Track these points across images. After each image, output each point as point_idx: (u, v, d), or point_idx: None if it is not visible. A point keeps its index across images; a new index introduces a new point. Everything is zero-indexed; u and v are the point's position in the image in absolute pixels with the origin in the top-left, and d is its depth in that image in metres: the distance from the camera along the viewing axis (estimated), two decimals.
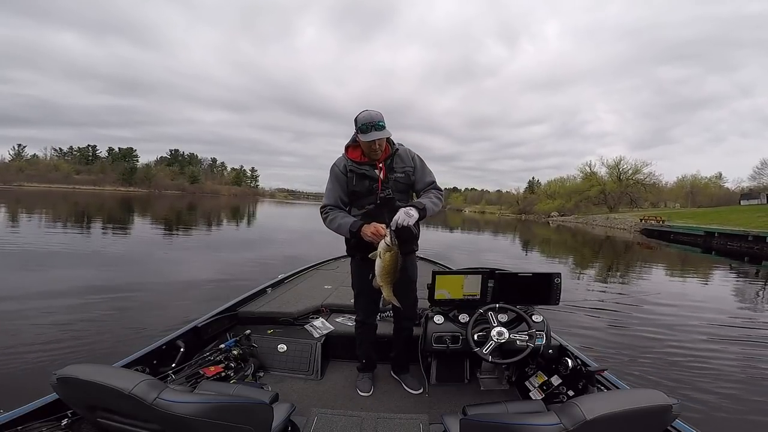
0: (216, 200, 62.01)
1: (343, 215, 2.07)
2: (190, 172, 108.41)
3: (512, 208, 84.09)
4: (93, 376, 1.02)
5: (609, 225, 41.31)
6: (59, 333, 3.97)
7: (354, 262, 2.28)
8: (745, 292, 8.78)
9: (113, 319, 4.52)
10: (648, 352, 4.28)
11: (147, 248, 9.97)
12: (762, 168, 53.56)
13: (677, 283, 9.53)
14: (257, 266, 8.29)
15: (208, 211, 30.56)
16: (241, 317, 2.85)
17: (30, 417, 1.38)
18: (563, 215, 59.82)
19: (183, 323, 2.44)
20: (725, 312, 6.42)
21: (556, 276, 2.38)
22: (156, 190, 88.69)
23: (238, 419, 1.10)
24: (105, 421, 1.10)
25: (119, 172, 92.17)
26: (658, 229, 30.97)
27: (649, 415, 1.03)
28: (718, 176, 69.25)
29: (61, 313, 4.61)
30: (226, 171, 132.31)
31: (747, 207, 42.70)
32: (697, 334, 5.06)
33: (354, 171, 2.06)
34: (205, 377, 2.06)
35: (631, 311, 6.19)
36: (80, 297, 5.34)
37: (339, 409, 2.14)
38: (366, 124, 1.91)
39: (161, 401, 0.98)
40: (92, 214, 20.56)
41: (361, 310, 2.36)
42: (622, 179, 61.67)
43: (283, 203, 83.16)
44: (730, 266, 13.26)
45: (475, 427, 1.21)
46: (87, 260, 8.02)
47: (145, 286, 6.15)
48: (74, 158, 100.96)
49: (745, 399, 3.30)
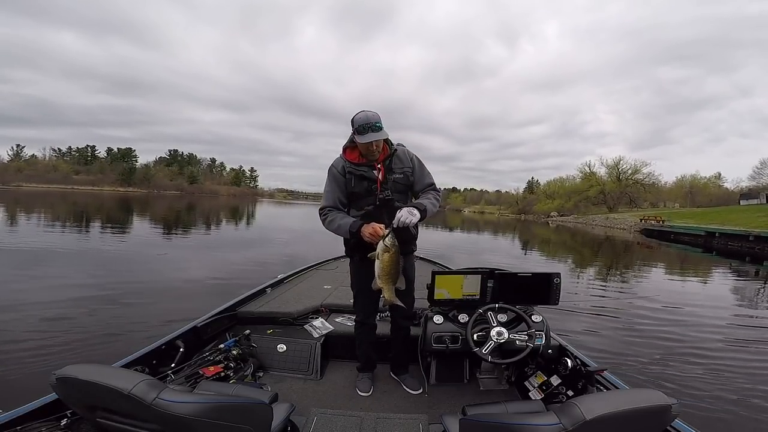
0: (215, 200, 61.78)
1: (342, 216, 2.07)
2: (189, 172, 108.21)
3: (511, 209, 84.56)
4: (92, 376, 1.02)
5: (608, 225, 41.36)
6: (59, 333, 3.96)
7: (353, 262, 2.28)
8: (745, 292, 8.79)
9: (113, 319, 4.51)
10: (647, 352, 4.29)
11: (145, 248, 9.96)
12: (762, 168, 53.97)
13: (677, 283, 9.54)
14: (257, 266, 8.30)
15: (207, 211, 30.48)
16: (241, 317, 2.85)
17: (29, 417, 1.37)
18: (563, 215, 60.03)
19: (182, 323, 2.43)
20: (725, 312, 6.43)
21: (555, 276, 2.38)
22: (155, 191, 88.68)
23: (237, 419, 1.10)
24: (104, 421, 1.10)
25: (118, 172, 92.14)
26: (658, 229, 30.99)
27: (648, 415, 1.03)
28: (717, 176, 69.71)
29: (60, 313, 4.60)
30: (225, 171, 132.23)
31: (747, 207, 42.84)
32: (697, 333, 5.07)
33: (352, 172, 2.06)
34: (205, 377, 2.05)
35: (630, 311, 6.19)
36: (79, 297, 5.34)
37: (338, 409, 2.14)
38: (363, 125, 1.90)
39: (161, 401, 0.98)
40: (91, 214, 20.52)
41: (361, 311, 2.37)
42: (622, 179, 61.91)
43: (282, 203, 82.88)
44: (730, 266, 13.28)
45: (475, 427, 1.21)
46: (85, 260, 8.02)
47: (144, 286, 6.15)
48: (73, 158, 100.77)
49: (745, 399, 3.31)
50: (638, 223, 36.41)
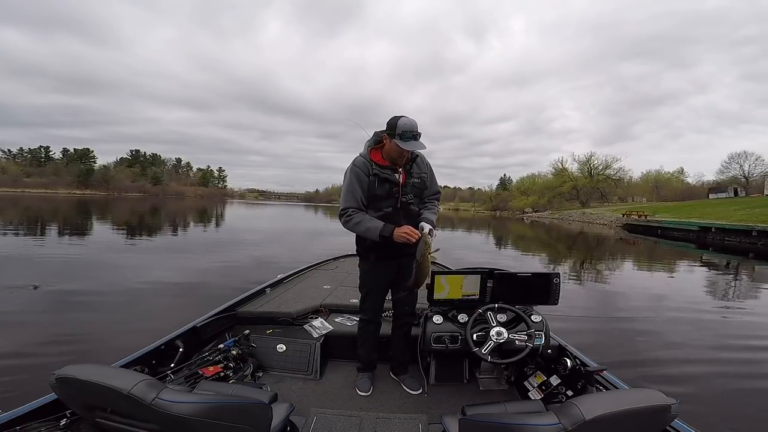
0: (180, 202, 58.87)
1: (370, 218, 2.08)
2: (152, 173, 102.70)
3: (486, 205, 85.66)
4: (92, 376, 1.02)
5: (586, 220, 40.75)
6: (58, 333, 3.96)
7: (367, 262, 2.28)
8: (746, 291, 8.78)
9: (112, 319, 4.51)
10: (647, 352, 4.28)
11: (138, 251, 9.93)
12: (729, 162, 55.80)
13: (677, 282, 9.53)
14: (257, 266, 8.29)
15: (173, 213, 28.75)
16: (240, 317, 2.85)
17: (29, 417, 1.37)
18: (537, 211, 60.61)
19: (182, 323, 2.43)
20: (726, 312, 6.42)
21: (555, 276, 2.38)
22: (115, 193, 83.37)
23: (237, 419, 1.10)
24: (104, 421, 1.10)
25: (74, 174, 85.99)
26: (643, 224, 29.50)
27: (648, 415, 1.03)
28: (681, 171, 72.61)
29: (59, 314, 4.61)
30: (192, 171, 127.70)
31: (718, 201, 43.22)
32: (697, 333, 5.06)
33: (377, 174, 2.08)
34: (204, 377, 2.06)
35: (630, 310, 6.19)
36: (78, 297, 5.35)
37: (338, 409, 2.14)
38: (408, 132, 1.96)
39: (160, 401, 0.98)
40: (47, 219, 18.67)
41: (369, 309, 2.37)
42: (594, 175, 62.85)
43: (253, 204, 79.55)
44: (728, 263, 13.26)
45: (474, 427, 1.21)
46: (76, 264, 8.01)
47: (144, 286, 6.15)
48: (25, 160, 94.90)
49: (745, 399, 3.30)
50: (619, 218, 35.78)
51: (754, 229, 19.83)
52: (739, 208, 29.23)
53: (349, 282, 3.76)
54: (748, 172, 53.96)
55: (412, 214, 2.17)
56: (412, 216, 2.17)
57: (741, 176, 54.32)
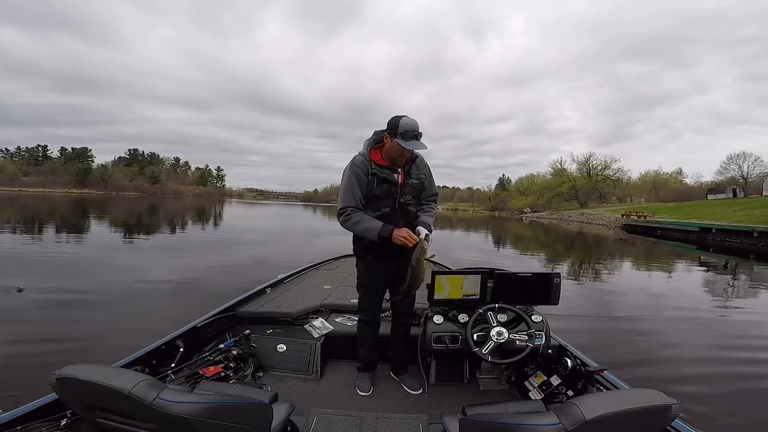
0: (178, 202, 58.27)
1: (368, 218, 2.07)
2: (150, 172, 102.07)
3: (485, 205, 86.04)
4: (92, 376, 1.02)
5: (585, 221, 40.70)
6: (58, 333, 3.96)
7: (364, 262, 2.28)
8: (747, 292, 8.78)
9: (112, 319, 4.51)
10: (647, 352, 4.29)
11: (137, 250, 9.92)
12: (728, 163, 55.80)
13: (677, 282, 9.54)
14: (257, 266, 8.28)
15: (171, 213, 28.50)
16: (241, 317, 2.85)
17: (29, 417, 1.37)
18: (536, 211, 60.81)
19: (182, 323, 2.43)
20: (727, 312, 6.43)
21: (555, 276, 2.38)
22: (113, 192, 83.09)
23: (237, 419, 1.10)
24: (104, 421, 1.10)
25: (72, 173, 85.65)
26: (642, 225, 29.45)
27: (648, 415, 1.03)
28: (679, 171, 72.60)
29: (60, 313, 4.60)
30: (190, 171, 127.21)
31: (716, 201, 43.19)
32: (698, 333, 5.07)
33: (377, 174, 2.08)
34: (205, 377, 2.05)
35: (630, 310, 6.19)
36: (78, 297, 5.34)
37: (338, 409, 2.14)
38: (410, 132, 1.95)
39: (160, 401, 0.98)
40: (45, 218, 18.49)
41: (368, 309, 2.36)
42: (593, 175, 63.04)
43: (252, 204, 78.96)
44: (727, 264, 13.27)
45: (475, 427, 1.21)
46: (75, 263, 8.00)
47: (144, 286, 6.15)
48: (22, 159, 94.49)
49: (745, 399, 3.31)
50: (619, 218, 35.63)
51: (754, 230, 19.78)
52: (738, 209, 29.24)
53: (349, 282, 3.75)
54: (747, 173, 54.11)
55: (409, 215, 2.18)
56: (410, 217, 2.18)
57: (740, 177, 54.39)
